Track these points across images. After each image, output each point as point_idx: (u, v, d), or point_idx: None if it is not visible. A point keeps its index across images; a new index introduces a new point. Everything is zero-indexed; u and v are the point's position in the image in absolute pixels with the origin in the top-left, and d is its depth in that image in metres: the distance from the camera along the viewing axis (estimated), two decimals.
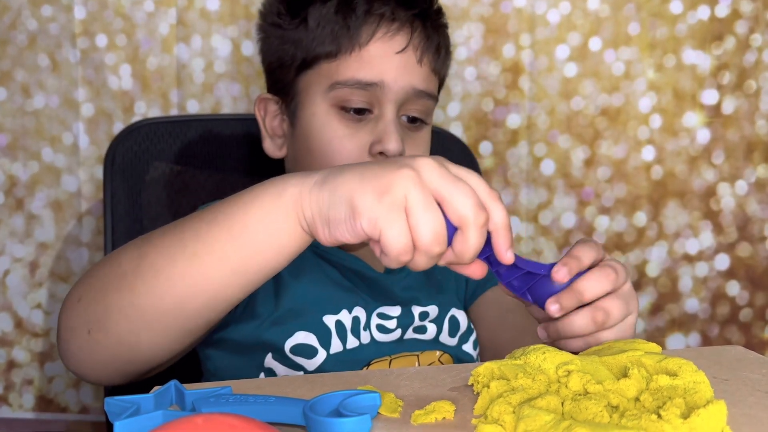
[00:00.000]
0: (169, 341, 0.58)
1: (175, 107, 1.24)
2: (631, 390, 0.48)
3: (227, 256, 0.54)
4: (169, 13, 1.22)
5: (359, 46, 0.77)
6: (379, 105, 0.77)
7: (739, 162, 1.29)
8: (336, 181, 0.51)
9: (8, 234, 1.25)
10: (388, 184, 0.49)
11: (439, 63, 0.82)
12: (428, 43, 0.80)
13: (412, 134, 0.80)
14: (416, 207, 0.49)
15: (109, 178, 0.94)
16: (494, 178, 1.29)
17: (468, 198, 0.49)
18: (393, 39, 0.78)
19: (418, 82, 0.78)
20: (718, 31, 1.27)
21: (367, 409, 0.48)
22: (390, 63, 0.77)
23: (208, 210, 0.56)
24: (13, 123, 1.23)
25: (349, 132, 0.77)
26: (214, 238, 0.54)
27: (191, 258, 0.54)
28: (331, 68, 0.77)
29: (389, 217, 0.48)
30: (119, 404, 0.49)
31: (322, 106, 0.78)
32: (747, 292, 1.31)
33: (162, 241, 0.56)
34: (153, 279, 0.55)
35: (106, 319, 0.57)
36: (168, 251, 0.55)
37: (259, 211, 0.53)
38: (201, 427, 0.37)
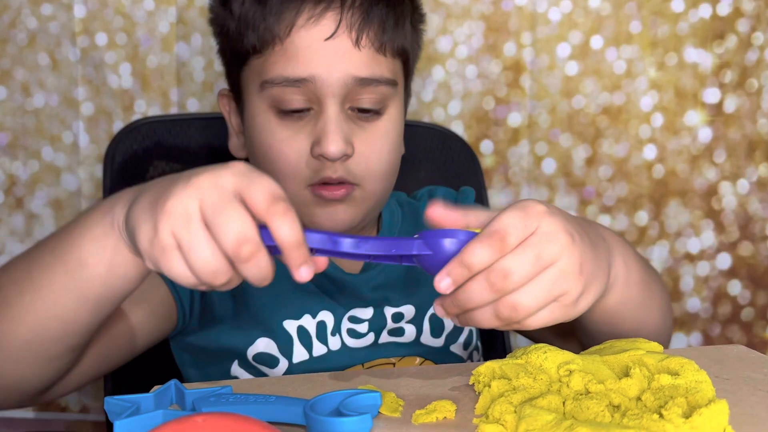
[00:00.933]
0: (35, 368, 0.56)
1: (175, 106, 1.24)
2: (633, 389, 0.48)
3: (70, 287, 0.52)
4: (169, 12, 1.22)
5: (281, 38, 0.68)
6: (318, 101, 0.68)
7: (741, 161, 1.29)
8: (132, 211, 0.48)
9: (8, 233, 1.25)
10: (156, 223, 0.46)
11: (388, 38, 0.70)
12: (366, 19, 0.68)
13: (366, 126, 0.71)
14: (182, 244, 0.45)
15: (109, 177, 0.94)
16: (495, 176, 1.29)
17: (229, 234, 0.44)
18: (319, 24, 0.67)
19: (359, 69, 0.68)
20: (720, 29, 1.26)
21: (368, 409, 0.48)
22: (319, 53, 0.67)
23: (55, 237, 0.55)
24: (13, 122, 1.23)
25: (288, 134, 0.69)
26: (53, 269, 0.52)
27: (38, 290, 0.53)
28: (260, 65, 0.69)
29: (165, 259, 0.46)
30: (119, 404, 0.49)
31: (260, 107, 0.71)
32: (748, 291, 1.31)
33: (15, 271, 0.55)
34: (6, 309, 0.54)
35: None
36: (18, 283, 0.54)
37: (91, 242, 0.51)
38: (201, 426, 0.37)
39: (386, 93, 0.71)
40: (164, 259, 0.45)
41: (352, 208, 0.72)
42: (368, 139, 0.71)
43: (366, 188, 0.72)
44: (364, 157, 0.70)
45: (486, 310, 0.48)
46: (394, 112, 0.73)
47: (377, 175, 0.72)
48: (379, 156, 0.71)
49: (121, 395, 0.49)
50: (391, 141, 0.73)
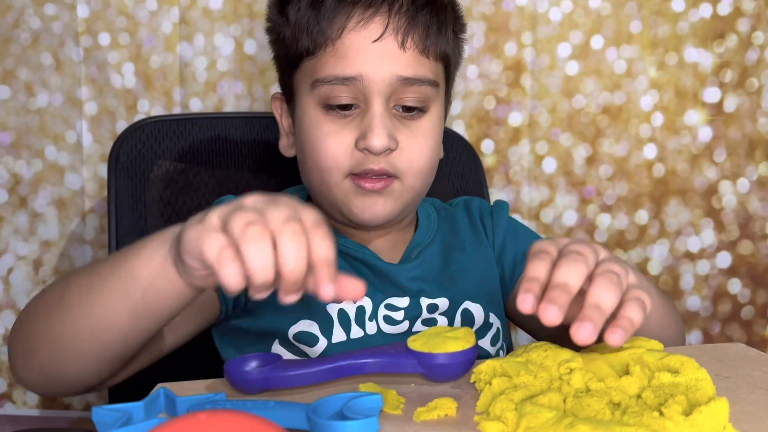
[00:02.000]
0: (90, 368, 0.60)
1: (178, 105, 1.24)
2: (633, 387, 0.48)
3: (121, 297, 0.55)
4: (172, 12, 1.23)
5: (332, 40, 0.73)
6: (365, 99, 0.73)
7: (741, 160, 1.29)
8: (192, 223, 0.50)
9: (12, 232, 1.25)
10: (212, 214, 0.48)
11: (431, 42, 0.75)
12: (412, 23, 0.74)
13: (409, 124, 0.75)
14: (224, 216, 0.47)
15: (113, 176, 0.94)
16: (496, 176, 1.29)
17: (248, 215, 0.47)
18: (368, 27, 0.73)
19: (403, 70, 0.73)
20: (720, 29, 1.27)
21: (371, 411, 0.47)
22: (367, 54, 0.73)
23: (121, 250, 0.58)
24: (17, 121, 1.24)
25: (335, 129, 0.74)
26: (111, 279, 0.56)
27: (94, 296, 0.56)
28: (312, 66, 0.75)
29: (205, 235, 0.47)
30: (109, 414, 0.48)
31: (310, 105, 0.76)
32: (748, 289, 1.31)
33: (78, 279, 0.59)
34: (68, 313, 0.58)
35: (34, 349, 0.60)
36: (80, 289, 0.58)
37: (143, 256, 0.54)
38: (205, 423, 0.37)
39: (429, 93, 0.75)
40: (204, 235, 0.47)
41: (391, 201, 0.76)
42: (411, 135, 0.75)
43: (405, 182, 0.76)
44: (407, 152, 0.74)
45: (632, 305, 0.50)
46: (435, 113, 0.78)
47: (418, 170, 0.76)
48: (421, 152, 0.76)
49: (109, 405, 0.49)
50: (432, 139, 0.77)
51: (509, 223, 0.89)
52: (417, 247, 0.82)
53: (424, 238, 0.84)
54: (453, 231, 0.87)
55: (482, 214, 0.89)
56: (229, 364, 0.54)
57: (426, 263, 0.82)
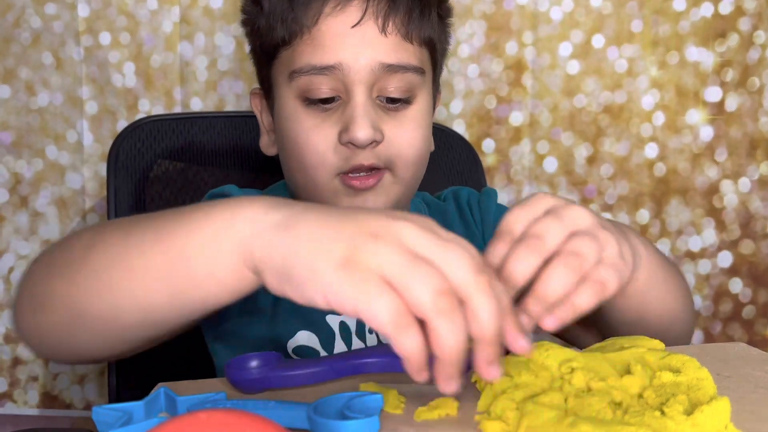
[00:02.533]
0: (104, 344, 0.53)
1: (178, 105, 1.24)
2: (635, 386, 0.48)
3: (163, 278, 0.47)
4: (173, 11, 1.23)
5: (308, 28, 0.69)
6: (346, 89, 0.69)
7: (742, 159, 1.29)
8: (298, 230, 0.42)
9: (13, 231, 1.25)
10: (355, 248, 0.39)
11: (414, 27, 0.70)
12: (393, 6, 0.69)
13: (395, 114, 0.71)
14: (396, 273, 0.39)
15: (113, 176, 0.94)
16: (497, 175, 1.29)
17: (435, 278, 0.38)
18: (345, 11, 0.68)
19: (385, 56, 0.69)
20: (722, 28, 1.26)
21: (372, 411, 0.47)
22: (346, 40, 0.68)
23: (162, 217, 0.49)
24: (18, 121, 1.24)
25: (316, 123, 0.70)
26: (153, 256, 0.47)
27: (129, 270, 0.48)
28: (288, 56, 0.71)
29: (361, 284, 0.38)
30: (109, 413, 0.47)
31: (288, 98, 0.72)
32: (749, 289, 1.31)
33: (110, 240, 0.50)
34: (92, 279, 0.50)
35: (48, 303, 0.52)
36: (110, 255, 0.49)
37: (201, 238, 0.45)
38: (205, 422, 0.37)
39: (414, 81, 0.71)
40: (358, 286, 0.39)
41: (383, 196, 0.72)
42: (398, 125, 0.71)
43: (397, 173, 0.72)
44: (395, 142, 0.71)
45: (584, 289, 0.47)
46: (422, 102, 0.73)
47: (408, 159, 0.72)
48: (410, 141, 0.72)
49: (110, 404, 0.48)
50: (421, 129, 0.73)
51: (497, 211, 0.86)
52: None
53: None
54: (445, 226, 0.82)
55: (470, 204, 0.86)
56: (230, 364, 0.54)
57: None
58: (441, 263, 0.39)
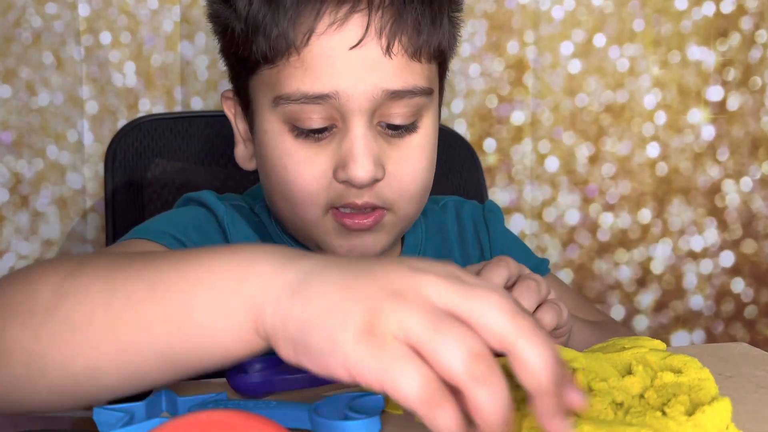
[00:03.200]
0: (70, 401, 0.45)
1: (179, 104, 1.24)
2: (636, 387, 0.48)
3: (157, 338, 0.40)
4: (173, 11, 1.23)
5: (297, 48, 0.57)
6: (342, 117, 0.59)
7: (744, 158, 1.29)
8: (312, 297, 0.36)
9: (13, 231, 1.25)
10: (376, 311, 0.34)
11: (424, 41, 0.60)
12: (399, 21, 0.58)
13: (397, 143, 0.61)
14: (423, 339, 0.33)
15: (110, 175, 0.94)
16: (498, 175, 1.29)
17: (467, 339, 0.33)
18: (343, 29, 0.57)
19: (390, 82, 0.58)
20: (723, 27, 1.26)
21: (373, 411, 0.47)
22: (343, 64, 0.57)
23: (155, 266, 0.42)
24: (18, 120, 1.24)
25: (308, 155, 0.60)
26: (147, 313, 0.41)
27: (113, 326, 0.41)
28: (273, 77, 0.59)
29: (386, 356, 0.33)
30: (110, 413, 0.46)
31: (273, 123, 0.61)
32: (752, 289, 1.31)
33: (88, 285, 0.43)
34: (64, 334, 0.42)
35: (2, 353, 0.44)
36: (90, 306, 0.42)
37: (206, 298, 0.39)
38: (207, 423, 0.37)
39: (420, 104, 0.61)
40: (383, 358, 0.33)
41: (382, 235, 0.64)
42: (401, 157, 0.61)
43: (398, 213, 0.63)
44: (397, 179, 0.62)
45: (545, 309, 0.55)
46: (428, 124, 0.64)
47: (410, 197, 0.63)
48: (413, 176, 0.63)
49: (111, 405, 0.47)
50: (426, 158, 0.63)
51: (505, 238, 0.81)
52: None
53: (413, 252, 0.74)
54: (444, 242, 0.78)
55: (476, 224, 0.80)
56: (231, 368, 0.53)
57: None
58: (474, 316, 0.34)
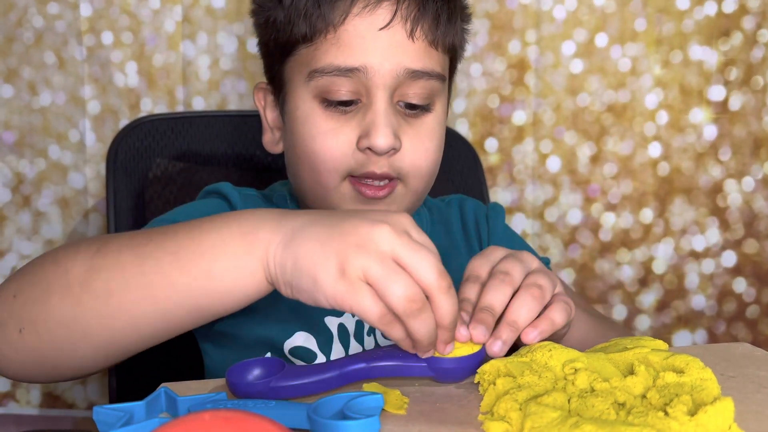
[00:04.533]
0: (111, 357, 0.55)
1: (181, 104, 1.24)
2: (638, 387, 0.48)
3: (187, 295, 0.52)
4: (175, 11, 1.23)
5: (334, 27, 0.67)
6: (367, 92, 0.68)
7: (746, 158, 1.29)
8: (299, 248, 0.49)
9: (15, 231, 1.25)
10: (345, 260, 0.47)
11: (441, 33, 0.70)
12: (422, 11, 0.68)
13: (413, 122, 0.70)
14: (377, 280, 0.47)
15: (112, 175, 0.94)
16: (500, 174, 1.29)
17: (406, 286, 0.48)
18: (374, 13, 0.67)
19: (412, 62, 0.68)
20: (725, 26, 1.26)
21: (372, 411, 0.47)
22: (373, 42, 0.66)
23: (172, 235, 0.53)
24: (20, 120, 1.24)
25: (334, 126, 0.68)
26: (175, 275, 0.51)
27: (149, 288, 0.52)
28: (309, 54, 0.68)
29: (355, 293, 0.47)
30: (110, 413, 0.47)
31: (305, 98, 0.69)
32: (754, 288, 1.31)
33: (118, 259, 0.52)
34: (105, 299, 0.52)
35: (42, 323, 0.53)
36: (124, 275, 0.52)
37: (225, 256, 0.51)
38: (209, 423, 0.37)
39: (435, 88, 0.70)
40: (353, 293, 0.47)
41: (393, 205, 0.72)
42: (416, 135, 0.70)
43: (409, 185, 0.71)
44: (411, 153, 0.70)
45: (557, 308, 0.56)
46: (440, 109, 0.73)
47: (422, 172, 0.71)
48: (426, 153, 0.71)
49: (111, 404, 0.48)
50: (437, 138, 0.72)
51: (505, 234, 0.86)
52: None
53: None
54: (447, 233, 0.84)
55: (477, 219, 0.85)
56: (231, 373, 0.52)
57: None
58: (411, 267, 0.48)
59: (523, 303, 0.55)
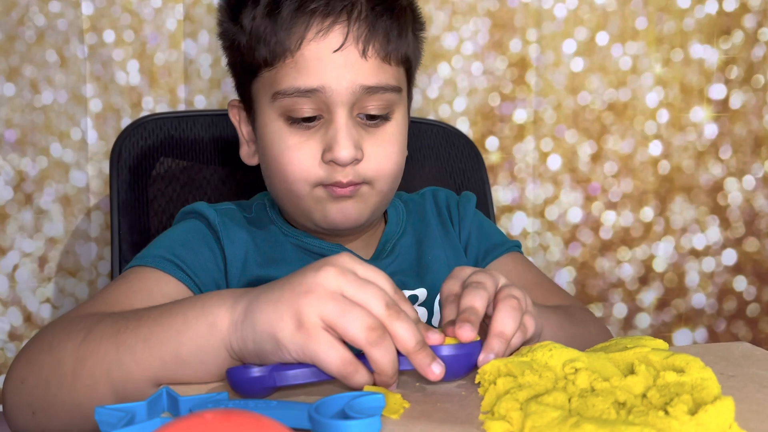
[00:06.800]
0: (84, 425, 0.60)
1: (182, 103, 1.24)
2: (638, 386, 0.48)
3: (163, 374, 0.56)
4: (176, 9, 1.23)
5: (291, 51, 0.71)
6: (328, 109, 0.72)
7: (747, 157, 1.29)
8: (255, 317, 0.52)
9: (17, 229, 1.25)
10: (298, 310, 0.50)
11: (392, 48, 0.74)
12: (372, 31, 0.72)
13: (374, 131, 0.75)
14: (334, 318, 0.49)
15: (115, 173, 0.94)
16: (501, 173, 1.29)
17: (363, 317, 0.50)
18: (328, 36, 0.71)
19: (366, 79, 0.72)
20: (726, 25, 1.26)
21: (373, 411, 0.47)
22: (329, 64, 0.71)
23: (145, 320, 0.57)
24: (22, 119, 1.24)
25: (299, 141, 0.73)
26: (149, 360, 0.56)
27: (128, 373, 0.56)
28: (271, 77, 0.73)
29: (314, 343, 0.49)
30: (111, 413, 0.47)
31: (271, 116, 0.75)
32: (754, 287, 1.31)
33: (98, 348, 0.58)
34: (93, 386, 0.57)
35: (49, 408, 0.59)
36: (105, 364, 0.57)
37: (191, 341, 0.55)
38: (210, 423, 0.37)
39: (392, 99, 0.75)
40: (312, 341, 0.49)
41: (361, 203, 0.76)
42: (377, 143, 0.75)
43: (375, 187, 0.76)
44: (374, 160, 0.74)
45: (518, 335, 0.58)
46: (399, 117, 0.77)
47: (386, 175, 0.76)
48: (387, 158, 0.76)
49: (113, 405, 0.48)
50: (398, 144, 0.77)
51: (475, 217, 0.90)
52: (390, 240, 0.83)
53: (395, 230, 0.85)
54: (423, 221, 0.88)
55: (449, 205, 0.90)
56: (232, 371, 0.53)
57: (401, 256, 0.82)
58: (362, 302, 0.50)
59: (507, 314, 0.57)
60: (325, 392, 0.52)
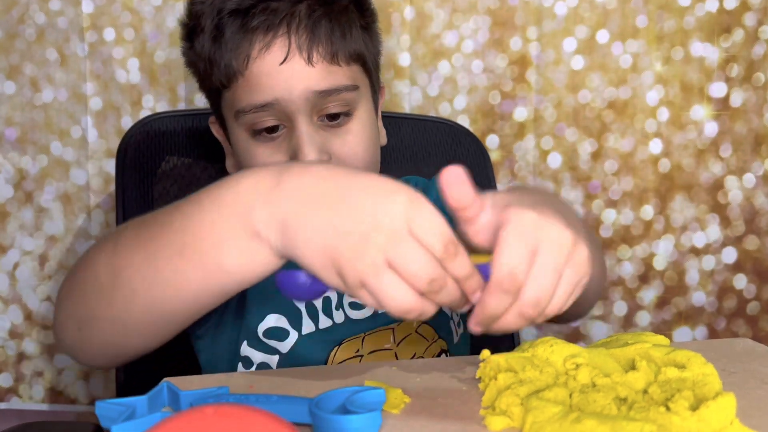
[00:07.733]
0: (159, 338, 0.60)
1: (183, 101, 1.24)
2: (640, 382, 0.48)
3: (204, 287, 0.54)
4: (177, 7, 1.23)
5: (241, 72, 0.73)
6: (288, 118, 0.74)
7: (747, 155, 1.29)
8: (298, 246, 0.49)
9: (18, 227, 1.25)
10: (363, 245, 0.47)
11: (338, 49, 0.74)
12: (313, 37, 0.73)
13: (338, 131, 0.76)
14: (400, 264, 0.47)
15: (121, 172, 0.94)
16: (501, 171, 1.29)
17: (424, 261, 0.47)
18: (272, 51, 0.73)
19: (317, 84, 0.73)
20: (727, 23, 1.26)
21: (374, 405, 0.47)
22: (277, 77, 0.72)
23: (175, 231, 0.54)
24: (22, 117, 1.24)
25: (266, 152, 0.75)
26: (187, 272, 0.54)
27: (168, 285, 0.55)
28: (231, 97, 0.76)
29: (377, 281, 0.47)
30: (113, 408, 0.47)
31: (239, 133, 0.77)
32: (754, 285, 1.31)
33: (133, 260, 0.56)
34: (132, 297, 0.56)
35: (92, 321, 0.60)
36: (142, 274, 0.56)
37: (232, 251, 0.52)
38: (212, 417, 0.37)
39: (349, 97, 0.75)
40: (377, 278, 0.47)
41: None
42: (343, 143, 0.75)
43: None
44: (342, 160, 0.75)
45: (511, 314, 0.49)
46: (362, 112, 0.77)
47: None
48: (354, 155, 0.76)
49: (113, 399, 0.48)
50: (364, 139, 0.77)
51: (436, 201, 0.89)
52: None
53: None
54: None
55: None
56: (281, 275, 0.52)
57: None
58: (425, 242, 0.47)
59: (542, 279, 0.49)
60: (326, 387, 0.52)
